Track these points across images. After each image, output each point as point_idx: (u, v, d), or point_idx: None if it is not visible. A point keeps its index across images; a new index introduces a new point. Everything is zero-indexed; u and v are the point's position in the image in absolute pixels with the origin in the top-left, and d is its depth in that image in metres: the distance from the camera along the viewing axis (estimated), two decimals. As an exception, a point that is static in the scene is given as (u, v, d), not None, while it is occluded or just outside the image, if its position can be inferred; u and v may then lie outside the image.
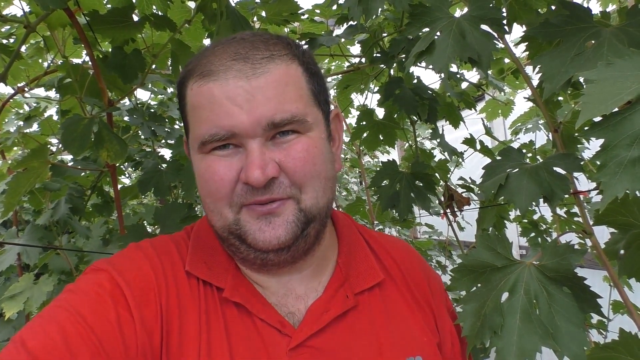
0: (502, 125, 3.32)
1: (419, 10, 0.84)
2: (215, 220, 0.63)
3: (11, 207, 1.15)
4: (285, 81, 0.58)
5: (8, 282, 1.63)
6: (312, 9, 1.45)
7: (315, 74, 0.64)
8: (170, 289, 0.62)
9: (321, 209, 0.63)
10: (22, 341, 0.52)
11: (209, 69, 0.58)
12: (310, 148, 0.60)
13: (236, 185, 0.59)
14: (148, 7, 1.15)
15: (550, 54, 0.70)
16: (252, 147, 0.57)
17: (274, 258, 0.62)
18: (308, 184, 0.60)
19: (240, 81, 0.56)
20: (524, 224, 1.82)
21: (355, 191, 4.56)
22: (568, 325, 0.62)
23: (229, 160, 0.59)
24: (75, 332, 0.53)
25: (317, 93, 0.63)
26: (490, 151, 1.35)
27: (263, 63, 0.58)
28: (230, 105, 0.56)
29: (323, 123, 0.65)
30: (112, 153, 1.09)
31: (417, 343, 0.67)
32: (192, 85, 0.60)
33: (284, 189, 0.59)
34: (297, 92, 0.60)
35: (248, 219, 0.60)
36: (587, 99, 0.53)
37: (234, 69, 0.57)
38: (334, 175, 0.66)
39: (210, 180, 0.60)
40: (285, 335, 0.62)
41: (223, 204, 0.60)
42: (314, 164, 0.60)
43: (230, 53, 0.58)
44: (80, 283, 0.60)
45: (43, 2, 0.81)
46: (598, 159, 0.54)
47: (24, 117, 1.77)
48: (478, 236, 0.73)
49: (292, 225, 0.60)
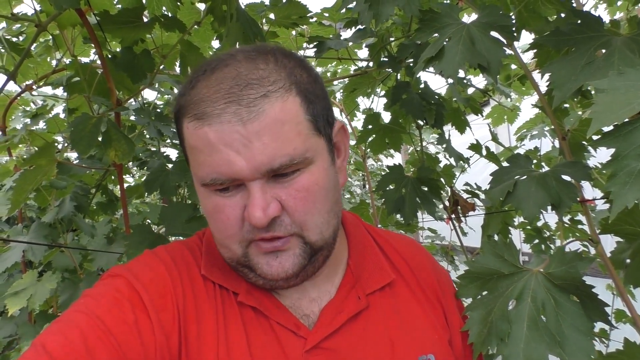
0: (507, 131, 3.32)
1: (428, 16, 0.85)
2: (224, 252, 0.63)
3: (18, 204, 1.15)
4: (281, 121, 0.56)
5: (12, 278, 1.63)
6: (320, 12, 1.45)
7: (314, 99, 0.61)
8: (187, 292, 0.62)
9: (327, 239, 0.63)
10: (42, 345, 0.52)
11: (204, 110, 0.56)
12: (311, 186, 0.59)
13: (243, 223, 0.59)
14: (158, 8, 1.16)
15: (560, 62, 0.70)
16: (253, 189, 0.57)
17: (283, 284, 0.63)
18: (309, 222, 0.60)
19: (236, 125, 0.54)
20: (528, 230, 1.82)
21: (359, 194, 4.56)
22: (575, 334, 0.62)
23: (232, 199, 0.58)
24: (95, 336, 0.54)
25: (316, 120, 0.61)
26: (496, 157, 1.35)
27: (257, 104, 0.55)
28: (228, 151, 0.55)
29: (325, 149, 0.63)
30: (119, 152, 1.10)
31: (429, 341, 0.68)
32: (188, 124, 0.58)
33: (285, 227, 0.59)
34: (295, 129, 0.57)
35: (256, 254, 0.60)
36: (598, 109, 0.53)
37: (229, 111, 0.55)
38: (337, 198, 0.65)
39: (218, 220, 0.60)
40: (300, 338, 0.62)
41: (232, 241, 0.61)
42: (315, 202, 0.59)
43: (223, 92, 0.56)
44: (98, 288, 0.61)
45: (57, 2, 0.81)
46: (608, 168, 0.54)
47: (31, 115, 1.78)
48: (485, 243, 0.73)
49: (300, 258, 0.60)
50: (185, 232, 1.16)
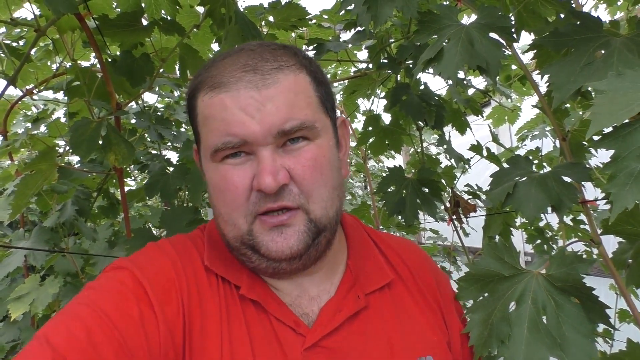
0: (508, 132, 3.31)
1: (427, 18, 0.84)
2: (229, 231, 0.63)
3: (19, 209, 1.16)
4: (294, 90, 0.60)
5: (14, 283, 1.63)
6: (319, 15, 1.45)
7: (322, 82, 0.65)
8: (191, 286, 0.63)
9: (331, 219, 0.64)
10: (45, 337, 0.52)
11: (220, 80, 0.59)
12: (318, 157, 0.61)
13: (250, 193, 0.60)
14: (157, 11, 1.16)
15: (560, 64, 0.70)
16: (263, 155, 0.58)
17: (286, 267, 0.63)
18: (315, 192, 0.61)
19: (251, 91, 0.58)
20: (530, 231, 1.81)
21: (360, 195, 4.56)
22: (576, 336, 0.62)
23: (241, 168, 0.60)
24: (99, 329, 0.53)
25: (324, 101, 0.65)
26: (496, 158, 1.35)
27: (272, 73, 0.59)
28: (242, 114, 0.58)
29: (331, 129, 0.66)
30: (119, 156, 1.10)
31: (428, 342, 0.68)
32: (203, 97, 0.61)
33: (293, 197, 0.60)
34: (306, 100, 0.61)
35: (261, 231, 0.61)
36: (597, 110, 0.53)
37: (245, 79, 0.58)
38: (340, 182, 0.67)
39: (225, 190, 0.61)
40: (300, 335, 0.63)
41: (238, 214, 0.61)
42: (322, 172, 0.61)
43: (239, 65, 0.60)
44: (101, 281, 0.61)
45: (55, 7, 0.81)
46: (608, 170, 0.54)
47: (32, 119, 1.78)
48: (485, 245, 0.72)
49: (304, 235, 0.61)
50: (186, 235, 1.16)
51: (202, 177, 0.68)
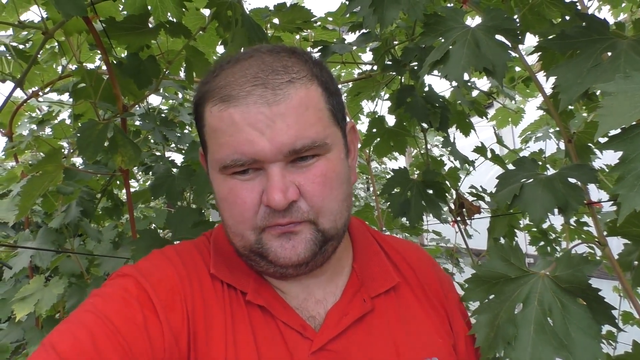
0: (512, 133, 3.31)
1: (433, 20, 0.85)
2: (237, 241, 0.64)
3: (25, 210, 1.16)
4: (305, 105, 0.58)
5: (19, 283, 1.64)
6: (324, 17, 1.46)
7: (333, 92, 0.64)
8: (196, 292, 0.63)
9: (339, 230, 0.64)
10: (51, 345, 0.52)
11: (229, 93, 0.58)
12: (328, 172, 0.60)
13: (259, 208, 0.59)
14: (163, 14, 1.16)
15: (566, 65, 0.70)
16: (273, 171, 0.58)
17: (293, 272, 0.63)
18: (325, 208, 0.61)
19: (261, 107, 0.56)
20: (533, 232, 1.81)
21: (363, 197, 4.56)
22: (582, 337, 0.62)
23: (250, 183, 0.59)
24: (104, 335, 0.54)
25: (335, 111, 0.64)
26: (501, 159, 1.35)
27: (283, 87, 0.57)
28: (251, 131, 0.56)
29: (341, 140, 0.65)
30: (126, 158, 1.10)
31: (433, 345, 0.68)
32: (212, 108, 0.60)
33: (301, 213, 0.60)
34: (317, 114, 0.60)
35: (269, 238, 0.61)
36: (604, 112, 0.53)
37: (255, 94, 0.57)
38: (350, 193, 0.66)
39: (233, 204, 0.60)
40: (306, 339, 0.63)
41: (245, 227, 0.61)
42: (332, 188, 0.61)
43: (249, 77, 0.58)
44: (106, 288, 0.61)
45: (64, 10, 0.82)
46: (616, 171, 0.54)
47: (37, 121, 1.79)
48: (491, 246, 0.73)
49: (311, 244, 0.61)
50: (191, 236, 1.16)
51: (209, 182, 0.68)
